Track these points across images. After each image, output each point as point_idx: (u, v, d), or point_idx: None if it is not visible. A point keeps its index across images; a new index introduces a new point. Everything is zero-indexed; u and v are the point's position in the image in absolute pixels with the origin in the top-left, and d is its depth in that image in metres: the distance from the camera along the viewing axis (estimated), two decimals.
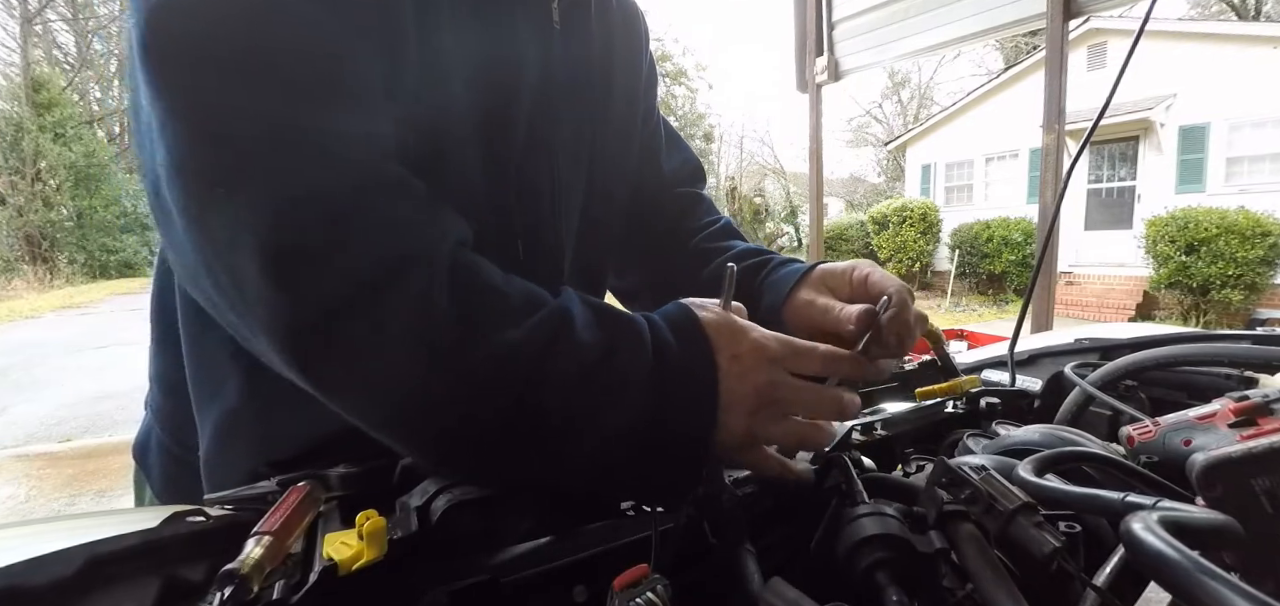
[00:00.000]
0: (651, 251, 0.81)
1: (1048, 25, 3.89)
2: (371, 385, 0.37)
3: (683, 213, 0.81)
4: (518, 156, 0.55)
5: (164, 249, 0.58)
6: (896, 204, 13.91)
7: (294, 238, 0.35)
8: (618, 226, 0.73)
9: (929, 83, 28.01)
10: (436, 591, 0.37)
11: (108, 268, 17.66)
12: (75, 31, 22.39)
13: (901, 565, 0.37)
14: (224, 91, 0.36)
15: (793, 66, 5.83)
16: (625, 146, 0.70)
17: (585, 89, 0.62)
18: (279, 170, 0.36)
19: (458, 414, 0.38)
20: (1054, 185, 3.87)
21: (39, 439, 4.71)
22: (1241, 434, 0.47)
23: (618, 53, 0.67)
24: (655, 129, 0.81)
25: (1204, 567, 0.25)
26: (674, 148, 0.84)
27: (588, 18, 0.61)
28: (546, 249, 0.59)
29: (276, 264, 0.35)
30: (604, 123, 0.65)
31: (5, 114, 17.08)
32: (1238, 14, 17.91)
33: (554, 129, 0.58)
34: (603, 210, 0.67)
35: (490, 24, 0.51)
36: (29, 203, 16.35)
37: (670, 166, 0.82)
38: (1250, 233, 8.72)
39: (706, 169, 0.76)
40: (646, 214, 0.79)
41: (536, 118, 0.56)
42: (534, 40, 0.55)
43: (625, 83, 0.69)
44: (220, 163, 0.36)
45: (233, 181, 0.35)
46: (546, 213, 0.59)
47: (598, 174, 0.65)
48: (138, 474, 0.68)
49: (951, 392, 0.68)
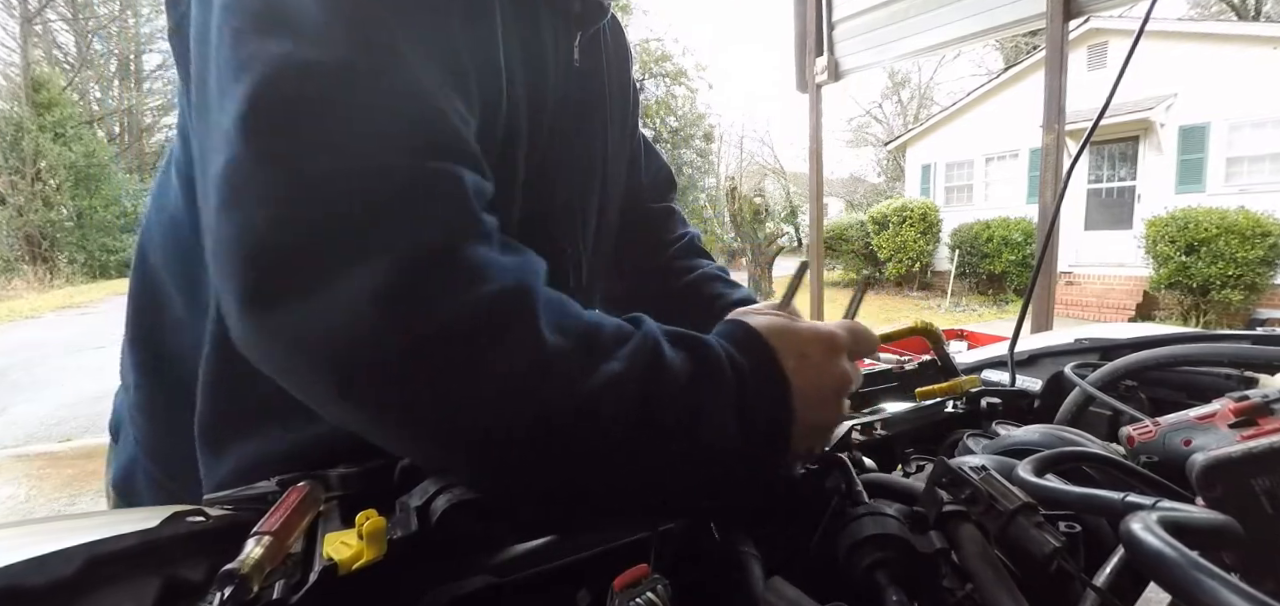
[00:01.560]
0: (634, 263, 0.87)
1: (1048, 25, 3.89)
2: (482, 425, 0.36)
3: (660, 226, 0.90)
4: (530, 186, 0.57)
5: (147, 287, 0.58)
6: (896, 204, 13.89)
7: (416, 294, 0.34)
8: (614, 240, 0.78)
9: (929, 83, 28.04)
10: (436, 591, 0.38)
11: (108, 268, 17.64)
12: (75, 31, 22.39)
13: (901, 565, 0.37)
14: (344, 151, 0.35)
15: (793, 66, 5.83)
16: (621, 166, 0.76)
17: (595, 118, 0.66)
18: (401, 228, 0.35)
19: (566, 449, 0.38)
20: (1054, 185, 3.87)
21: (39, 439, 4.71)
22: (1241, 434, 0.47)
23: (614, 77, 0.71)
24: (637, 142, 0.87)
25: (1204, 567, 0.25)
26: (650, 157, 0.90)
27: (599, 51, 0.66)
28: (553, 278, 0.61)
29: (401, 315, 0.34)
30: (608, 145, 0.70)
31: (5, 114, 17.07)
32: (1238, 14, 17.90)
33: (567, 154, 0.62)
34: (606, 226, 0.72)
35: (531, 63, 0.53)
36: (29, 203, 16.34)
37: (647, 177, 0.89)
38: (1250, 233, 8.72)
39: (706, 169, 0.80)
40: (630, 225, 0.85)
41: (550, 148, 0.59)
42: (558, 80, 0.58)
43: (621, 104, 0.74)
44: (343, 219, 0.34)
45: (356, 245, 0.34)
46: (564, 238, 0.63)
47: (607, 194, 0.70)
48: (119, 506, 0.65)
49: (951, 392, 0.68)
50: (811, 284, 5.86)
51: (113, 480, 0.66)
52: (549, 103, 0.58)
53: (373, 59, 0.37)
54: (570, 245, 0.65)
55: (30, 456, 4.23)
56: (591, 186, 0.68)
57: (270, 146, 0.35)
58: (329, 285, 0.33)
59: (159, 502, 0.60)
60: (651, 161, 0.90)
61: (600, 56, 0.67)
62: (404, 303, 0.34)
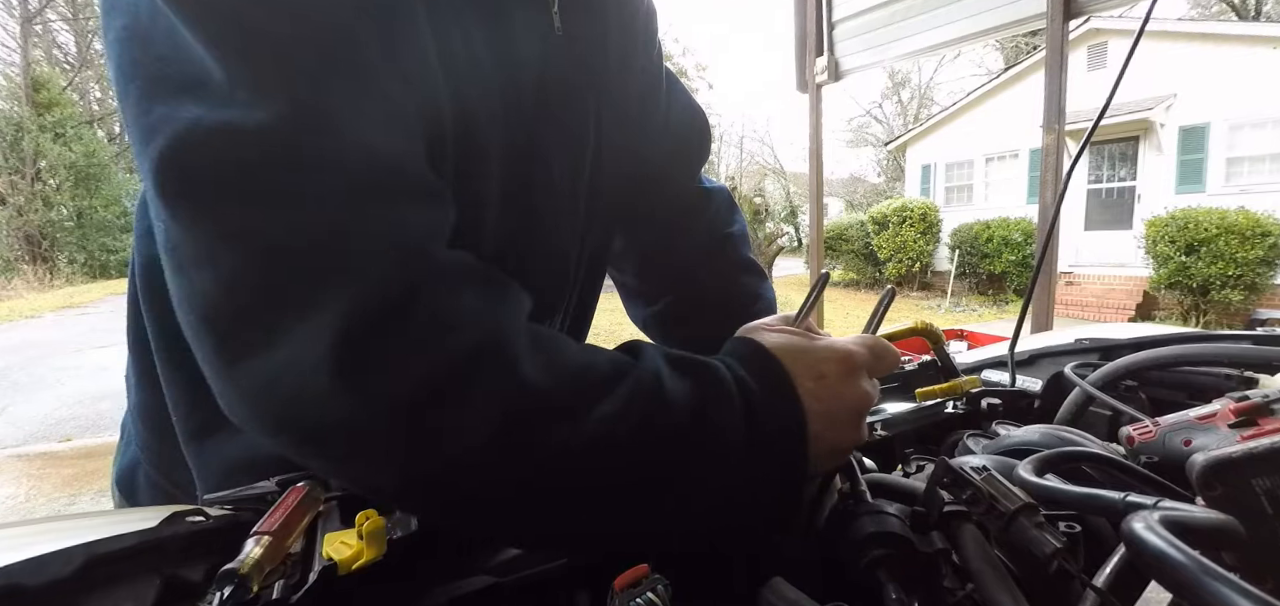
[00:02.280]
0: (679, 256, 0.81)
1: (1048, 25, 3.89)
2: (461, 477, 0.34)
3: (712, 217, 0.82)
4: (518, 164, 0.52)
5: (140, 293, 0.56)
6: (896, 204, 13.90)
7: (366, 347, 0.32)
8: (626, 216, 0.72)
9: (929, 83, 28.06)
10: (436, 591, 0.37)
11: (108, 267, 17.65)
12: (75, 31, 22.38)
13: (902, 565, 0.37)
14: (277, 211, 0.33)
15: (793, 66, 5.83)
16: (629, 134, 0.66)
17: (587, 88, 0.58)
18: (345, 279, 0.32)
19: (554, 496, 0.36)
20: (1054, 185, 3.87)
21: (39, 438, 4.71)
22: (1242, 434, 0.47)
23: (615, 26, 0.62)
24: (656, 95, 0.74)
25: (1205, 567, 0.25)
26: (674, 106, 0.77)
27: (586, 15, 0.58)
28: (549, 252, 0.58)
29: (351, 376, 0.32)
30: (603, 114, 0.61)
31: (5, 114, 17.10)
32: (1238, 14, 17.90)
33: (553, 133, 0.55)
34: (599, 210, 0.64)
35: (500, 52, 0.48)
36: (29, 202, 16.35)
37: (670, 140, 0.77)
38: (1250, 233, 8.72)
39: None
40: (668, 212, 0.79)
41: (535, 124, 0.53)
42: (534, 57, 0.52)
43: (622, 60, 0.64)
44: (285, 281, 0.32)
45: (300, 302, 0.32)
46: (546, 221, 0.57)
47: (599, 169, 0.62)
48: (121, 505, 0.65)
49: (952, 393, 0.68)
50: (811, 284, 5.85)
51: (115, 478, 0.66)
52: (527, 86, 0.52)
53: (291, 109, 0.33)
54: (558, 234, 0.59)
55: (30, 456, 4.23)
56: (581, 166, 0.60)
57: (192, 214, 0.33)
58: (277, 348, 0.32)
59: (158, 503, 0.61)
60: (676, 111, 0.77)
61: (590, 10, 0.58)
62: (355, 364, 0.32)
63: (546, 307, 0.61)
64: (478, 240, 0.48)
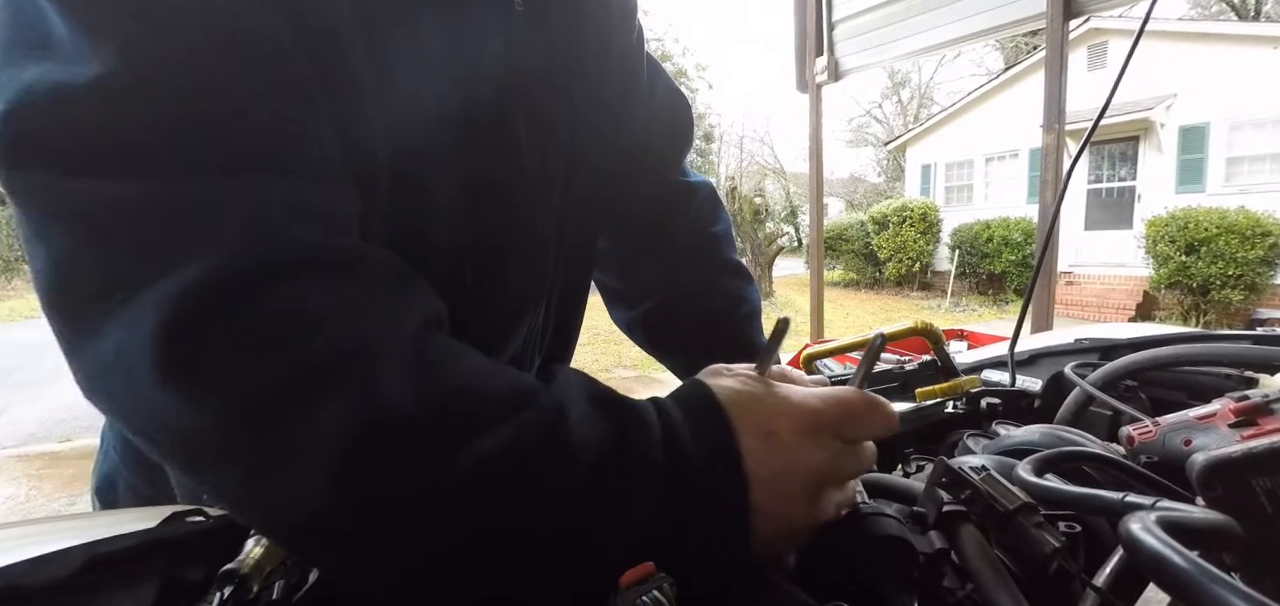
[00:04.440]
0: (661, 257, 0.79)
1: (1048, 25, 3.89)
2: (302, 503, 0.29)
3: (695, 215, 0.80)
4: (484, 155, 0.49)
5: None
6: (896, 204, 13.91)
7: (197, 338, 0.29)
8: (607, 208, 0.69)
9: (929, 83, 28.04)
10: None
11: None
12: None
13: (902, 565, 0.37)
14: (109, 181, 0.30)
15: (793, 66, 5.83)
16: (603, 119, 0.62)
17: (557, 69, 0.54)
18: (180, 257, 0.29)
19: (423, 543, 0.31)
20: (1054, 185, 3.87)
21: (39, 439, 4.71)
22: (1241, 434, 0.47)
23: (590, 23, 0.59)
24: (636, 79, 0.71)
25: (1202, 568, 0.25)
26: (656, 90, 0.74)
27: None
28: (523, 241, 0.55)
29: (177, 371, 0.28)
30: (583, 104, 0.58)
31: None
32: (1238, 14, 17.90)
33: (522, 120, 0.51)
34: (588, 191, 0.61)
35: (450, 25, 0.45)
36: None
37: (653, 129, 0.75)
38: (1250, 233, 8.73)
39: (706, 169, 0.75)
40: (650, 205, 0.77)
41: (503, 111, 0.49)
42: (494, 25, 0.48)
43: (599, 40, 0.60)
44: (115, 256, 0.30)
45: (130, 281, 0.29)
46: (518, 211, 0.53)
47: (580, 161, 0.59)
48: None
49: (951, 393, 0.68)
50: (811, 285, 5.86)
51: (95, 488, 0.65)
52: (487, 68, 0.47)
53: (122, 63, 0.30)
54: (532, 223, 0.55)
55: (30, 456, 4.23)
56: (555, 150, 0.55)
57: (26, 187, 0.30)
58: (101, 332, 0.29)
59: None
60: (659, 95, 0.74)
61: (557, 2, 0.53)
62: (178, 359, 0.28)
63: (523, 300, 0.57)
64: (432, 231, 0.46)
